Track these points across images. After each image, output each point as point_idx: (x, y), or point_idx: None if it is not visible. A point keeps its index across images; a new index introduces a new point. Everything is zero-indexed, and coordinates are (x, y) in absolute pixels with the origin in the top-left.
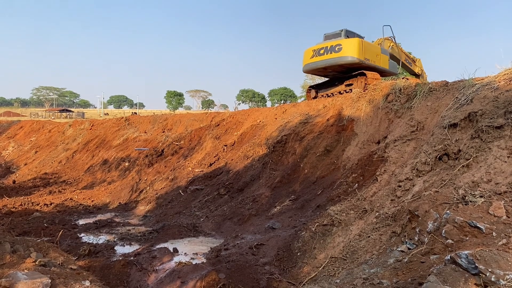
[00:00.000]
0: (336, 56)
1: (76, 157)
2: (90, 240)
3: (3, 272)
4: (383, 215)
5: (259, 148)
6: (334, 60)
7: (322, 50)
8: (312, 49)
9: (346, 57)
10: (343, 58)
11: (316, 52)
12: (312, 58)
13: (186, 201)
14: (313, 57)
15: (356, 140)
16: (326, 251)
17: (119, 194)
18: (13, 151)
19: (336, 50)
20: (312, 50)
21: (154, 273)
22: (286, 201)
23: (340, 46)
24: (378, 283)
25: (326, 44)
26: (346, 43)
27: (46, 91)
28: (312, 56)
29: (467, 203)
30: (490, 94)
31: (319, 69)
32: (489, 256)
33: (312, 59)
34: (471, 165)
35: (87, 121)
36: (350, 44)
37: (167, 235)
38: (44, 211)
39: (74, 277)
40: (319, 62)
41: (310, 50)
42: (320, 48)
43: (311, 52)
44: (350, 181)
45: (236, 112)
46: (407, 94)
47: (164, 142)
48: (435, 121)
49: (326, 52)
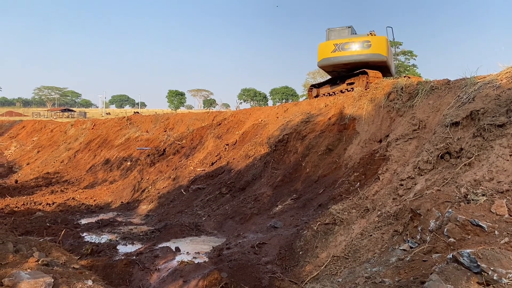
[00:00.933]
0: (365, 52)
1: (78, 156)
2: (92, 239)
3: (6, 271)
4: (385, 214)
5: (261, 147)
6: (363, 57)
7: (346, 45)
8: (333, 43)
9: (376, 54)
10: (373, 56)
11: (339, 47)
12: (334, 52)
13: (188, 200)
14: (336, 52)
15: (358, 139)
16: (328, 250)
17: (121, 193)
18: (15, 150)
19: (365, 46)
20: (334, 44)
21: (156, 272)
22: (288, 200)
23: (369, 43)
24: (380, 282)
25: (352, 40)
26: (375, 41)
27: (48, 90)
28: (334, 50)
29: (469, 201)
30: (492, 92)
31: (340, 64)
32: (491, 254)
33: (334, 53)
34: (473, 163)
35: (89, 120)
36: (379, 42)
37: (169, 234)
38: (46, 210)
39: (76, 277)
40: (344, 58)
41: (330, 44)
42: (344, 43)
43: (332, 46)
44: (352, 180)
45: (237, 111)
46: (409, 92)
47: (166, 142)
48: (437, 119)
49: (352, 47)
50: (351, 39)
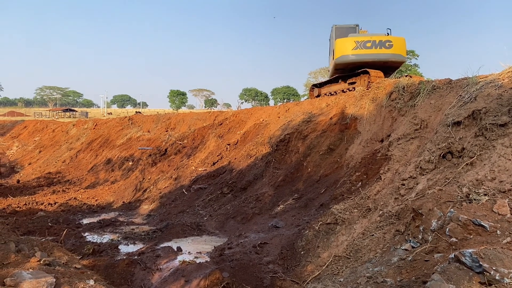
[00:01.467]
0: (387, 52)
1: (80, 156)
2: (94, 239)
3: (8, 271)
4: (386, 214)
5: (262, 147)
6: (384, 56)
7: (369, 43)
8: (354, 40)
9: (397, 55)
10: (394, 56)
11: (361, 44)
12: (355, 50)
13: (189, 200)
14: (357, 49)
15: (359, 138)
16: (329, 250)
17: (122, 193)
18: (17, 150)
19: (387, 46)
20: (355, 41)
21: (158, 272)
22: (290, 200)
23: (391, 43)
24: (382, 281)
25: (374, 38)
26: (396, 41)
27: (49, 90)
28: (355, 48)
29: (471, 201)
30: (494, 91)
31: (361, 62)
32: (494, 254)
33: (356, 51)
34: (475, 163)
35: (91, 120)
36: (400, 42)
37: (171, 234)
38: (48, 210)
39: (78, 276)
40: (366, 56)
41: (350, 41)
42: (366, 41)
43: (353, 44)
44: (353, 179)
45: (239, 111)
46: (411, 92)
47: (167, 141)
48: (439, 119)
49: (374, 46)
50: (373, 37)
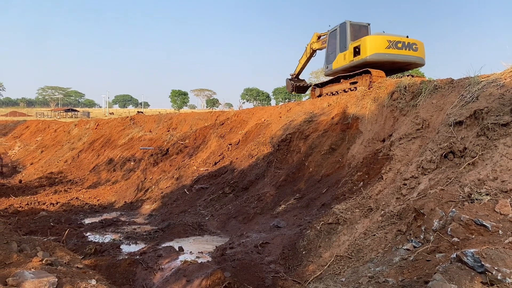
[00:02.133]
0: (413, 54)
1: (82, 156)
2: (96, 239)
3: (10, 271)
4: (388, 214)
5: (264, 147)
6: (412, 58)
7: (400, 44)
8: (387, 39)
9: (420, 58)
10: (418, 59)
11: (393, 44)
12: (388, 49)
13: (191, 200)
14: (389, 48)
15: (361, 138)
16: (331, 250)
17: (124, 193)
18: (19, 150)
19: (414, 48)
20: (387, 41)
21: (159, 271)
22: (291, 200)
23: (417, 46)
24: (383, 281)
25: (403, 40)
26: (419, 44)
27: (51, 90)
28: (388, 47)
29: (473, 201)
30: (496, 91)
31: (391, 62)
32: (495, 254)
33: (388, 50)
34: (477, 163)
35: (93, 120)
36: (422, 46)
37: (173, 234)
38: (50, 210)
39: (80, 276)
40: (398, 56)
41: (382, 39)
42: (398, 41)
43: (386, 42)
44: (355, 179)
45: (240, 111)
46: (412, 91)
47: (169, 141)
48: (441, 118)
49: (404, 47)
50: (402, 39)
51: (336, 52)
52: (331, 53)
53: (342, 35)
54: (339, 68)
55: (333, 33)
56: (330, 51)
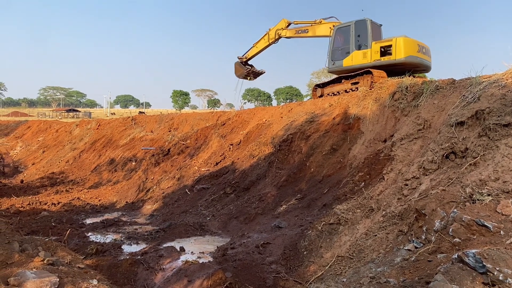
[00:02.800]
0: (428, 59)
1: (83, 156)
2: (97, 239)
3: (12, 271)
4: (390, 214)
5: (265, 147)
6: (428, 63)
7: (424, 49)
8: (417, 44)
9: (430, 62)
10: (429, 63)
11: (421, 48)
12: (418, 52)
13: (192, 200)
14: (419, 52)
15: (362, 138)
16: (332, 250)
17: (126, 193)
18: (21, 150)
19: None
20: (417, 45)
21: (161, 272)
22: (292, 200)
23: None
24: (385, 282)
25: (424, 44)
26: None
27: (53, 91)
28: (418, 51)
29: (474, 201)
30: (497, 92)
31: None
32: (497, 255)
33: (418, 54)
34: (479, 163)
35: (94, 120)
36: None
37: (174, 234)
38: (51, 210)
39: (81, 276)
40: (423, 60)
41: (413, 43)
42: (422, 46)
43: (417, 46)
44: (356, 179)
45: (241, 111)
46: (414, 92)
47: (170, 142)
48: (442, 119)
49: (426, 52)
50: (423, 44)
51: (349, 49)
52: (340, 50)
53: (359, 32)
54: (356, 66)
55: (345, 29)
56: (338, 46)
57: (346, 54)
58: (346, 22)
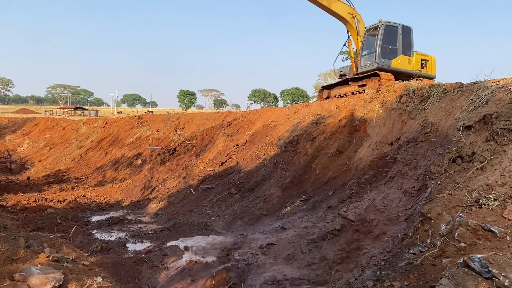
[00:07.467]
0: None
1: (89, 154)
2: (102, 237)
3: (18, 266)
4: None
5: (271, 148)
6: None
7: None
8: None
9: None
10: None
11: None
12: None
13: (197, 199)
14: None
15: (368, 141)
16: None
17: (131, 191)
18: (28, 147)
19: None
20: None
21: (165, 270)
22: (297, 202)
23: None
24: (389, 285)
25: None
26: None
27: (60, 89)
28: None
29: (480, 206)
30: (505, 96)
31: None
32: (503, 260)
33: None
34: (486, 168)
35: (101, 119)
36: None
37: (178, 233)
38: (57, 207)
39: (86, 273)
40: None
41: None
42: None
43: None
44: (362, 182)
45: (248, 111)
46: (421, 95)
47: (176, 141)
48: (449, 123)
49: None
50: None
51: (397, 51)
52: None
53: (405, 38)
54: (402, 69)
55: (393, 29)
56: (387, 44)
57: (394, 55)
58: (394, 22)
